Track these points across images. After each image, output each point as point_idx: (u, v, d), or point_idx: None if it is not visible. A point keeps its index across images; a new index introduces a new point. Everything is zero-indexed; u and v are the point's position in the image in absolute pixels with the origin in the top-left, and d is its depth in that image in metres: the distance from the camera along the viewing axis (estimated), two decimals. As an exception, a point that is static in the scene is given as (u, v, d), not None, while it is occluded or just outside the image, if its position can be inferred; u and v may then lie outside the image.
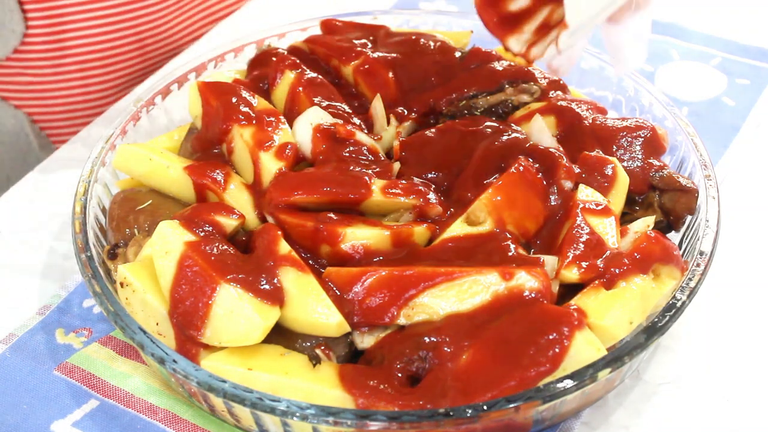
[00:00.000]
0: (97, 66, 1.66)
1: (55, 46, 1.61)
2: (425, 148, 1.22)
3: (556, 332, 0.99)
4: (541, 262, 1.06)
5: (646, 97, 1.35)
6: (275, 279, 1.04)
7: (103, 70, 1.67)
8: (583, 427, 1.08)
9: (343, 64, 1.34)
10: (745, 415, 1.09)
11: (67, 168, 1.43)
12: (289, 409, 0.96)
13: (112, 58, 1.66)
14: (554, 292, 1.06)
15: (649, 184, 1.19)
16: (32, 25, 1.57)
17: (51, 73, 1.64)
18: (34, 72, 1.63)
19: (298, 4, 1.76)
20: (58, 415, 1.08)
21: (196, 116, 1.28)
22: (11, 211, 1.37)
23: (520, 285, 1.03)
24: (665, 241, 1.10)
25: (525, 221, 1.12)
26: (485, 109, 1.28)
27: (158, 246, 1.06)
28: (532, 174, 1.13)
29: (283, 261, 1.06)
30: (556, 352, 0.98)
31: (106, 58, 1.66)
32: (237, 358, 1.01)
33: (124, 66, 1.68)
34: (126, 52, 1.67)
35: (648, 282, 1.06)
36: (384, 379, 1.00)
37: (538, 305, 1.02)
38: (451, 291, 1.03)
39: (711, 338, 1.18)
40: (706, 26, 1.68)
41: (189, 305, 1.03)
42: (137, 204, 1.19)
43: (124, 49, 1.67)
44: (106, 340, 1.16)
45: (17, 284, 1.25)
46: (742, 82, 1.57)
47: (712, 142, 1.42)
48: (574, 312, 1.01)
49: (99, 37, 1.64)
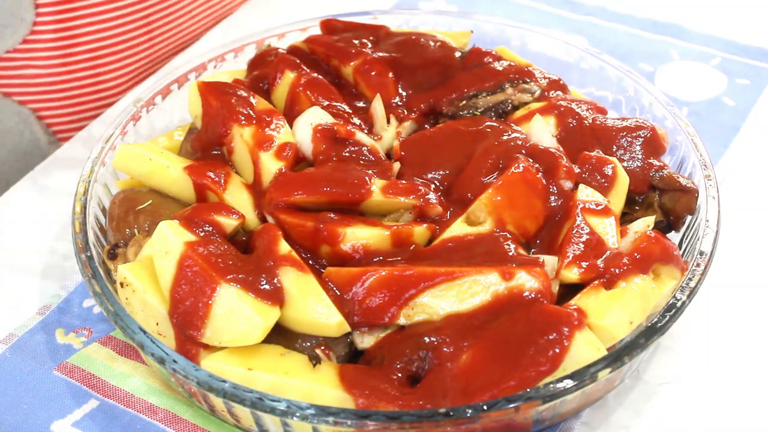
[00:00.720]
0: (108, 54, 1.64)
1: (65, 35, 1.58)
2: (425, 148, 1.21)
3: (556, 332, 0.99)
4: (541, 262, 1.06)
5: (646, 97, 1.35)
6: (275, 279, 1.04)
7: (113, 58, 1.64)
8: (583, 427, 1.08)
9: (343, 64, 1.34)
10: (745, 415, 1.09)
11: (67, 168, 1.43)
12: (289, 409, 0.96)
13: (123, 50, 1.64)
14: (554, 292, 1.06)
15: (649, 184, 1.19)
16: (42, 12, 1.55)
17: (60, 64, 1.61)
18: (42, 64, 1.61)
19: (298, 4, 1.76)
20: (58, 415, 1.08)
21: (196, 116, 1.28)
22: (11, 211, 1.37)
23: (520, 285, 1.03)
24: (665, 241, 1.10)
25: (525, 221, 1.12)
26: (485, 109, 1.28)
27: (158, 246, 1.06)
28: (532, 174, 1.13)
29: (283, 261, 1.06)
30: (556, 352, 0.98)
31: (116, 44, 1.63)
32: (237, 358, 1.01)
33: (133, 60, 1.66)
34: (136, 45, 1.65)
35: (648, 282, 1.06)
36: (384, 379, 1.00)
37: (538, 305, 1.02)
38: (451, 291, 1.03)
39: (711, 338, 1.18)
40: (706, 26, 1.68)
41: (189, 305, 1.03)
42: (137, 204, 1.19)
43: (134, 42, 1.64)
44: (106, 340, 1.16)
45: (17, 284, 1.25)
46: (742, 82, 1.57)
47: (712, 142, 1.42)
48: (574, 312, 1.01)
49: (110, 23, 1.61)
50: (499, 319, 1.02)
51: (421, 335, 1.02)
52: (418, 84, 1.32)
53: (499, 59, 1.34)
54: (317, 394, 0.99)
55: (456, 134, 1.22)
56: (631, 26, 1.69)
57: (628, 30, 1.69)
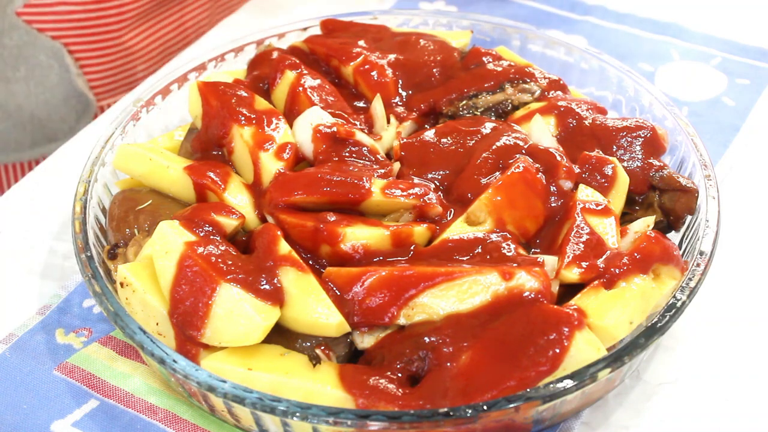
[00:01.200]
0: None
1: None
2: (425, 148, 1.21)
3: (555, 332, 0.99)
4: (540, 262, 1.06)
5: (646, 97, 1.35)
6: (275, 279, 1.04)
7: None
8: (583, 427, 1.08)
9: (343, 64, 1.34)
10: (745, 415, 1.09)
11: (67, 168, 1.43)
12: (289, 409, 0.96)
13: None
14: (554, 292, 1.06)
15: (649, 184, 1.19)
16: None
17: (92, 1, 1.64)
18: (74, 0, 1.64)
19: (298, 4, 1.76)
20: (58, 415, 1.08)
21: (196, 116, 1.28)
22: (11, 211, 1.37)
23: (520, 285, 1.03)
24: (665, 241, 1.10)
25: (525, 221, 1.12)
26: (485, 109, 1.28)
27: (158, 246, 1.06)
28: (532, 174, 1.13)
29: (283, 261, 1.06)
30: (556, 352, 0.98)
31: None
32: (237, 358, 1.01)
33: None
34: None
35: (648, 282, 1.06)
36: (384, 379, 1.00)
37: (537, 305, 1.02)
38: (451, 291, 1.03)
39: (711, 338, 1.18)
40: (706, 26, 1.68)
41: (189, 305, 1.03)
42: (137, 204, 1.19)
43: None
44: (106, 340, 1.16)
45: (17, 284, 1.25)
46: (742, 82, 1.57)
47: (712, 142, 1.42)
48: (574, 312, 1.01)
49: None
50: (499, 319, 1.02)
51: (421, 335, 1.02)
52: (418, 84, 1.32)
53: (499, 59, 1.34)
54: (317, 394, 0.99)
55: (456, 134, 1.22)
56: (631, 26, 1.69)
57: (628, 30, 1.69)
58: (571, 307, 1.03)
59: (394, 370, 1.01)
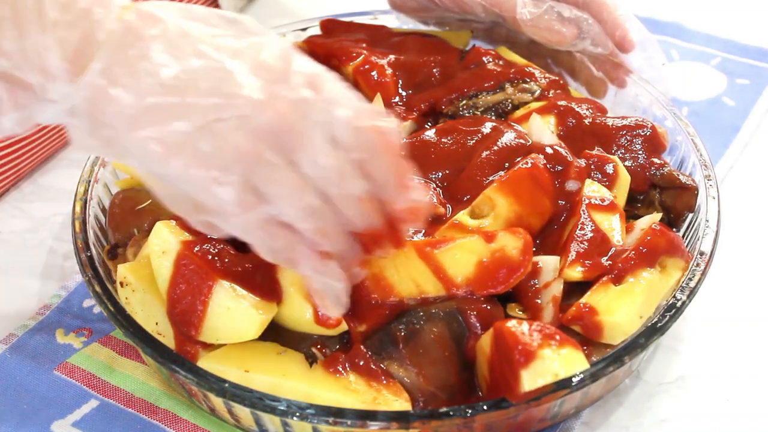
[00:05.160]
0: None
1: None
2: (425, 148, 1.21)
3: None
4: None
5: (646, 97, 1.35)
6: (273, 277, 1.04)
7: None
8: (583, 427, 1.08)
9: (343, 64, 1.34)
10: (745, 415, 1.09)
11: (67, 168, 1.43)
12: (289, 409, 0.96)
13: None
14: (559, 291, 1.06)
15: (649, 182, 1.19)
16: None
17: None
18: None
19: (298, 4, 1.76)
20: (58, 415, 1.08)
21: (196, 116, 1.28)
22: (11, 211, 1.36)
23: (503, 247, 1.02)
24: (669, 233, 1.10)
25: (530, 217, 1.11)
26: (485, 109, 1.28)
27: (155, 246, 1.06)
28: (540, 170, 1.12)
29: (282, 260, 1.05)
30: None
31: None
32: (234, 358, 1.01)
33: None
34: None
35: (655, 275, 1.06)
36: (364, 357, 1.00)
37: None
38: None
39: (711, 338, 1.18)
40: (706, 26, 1.68)
41: (186, 304, 1.02)
42: (137, 204, 1.19)
43: None
44: (106, 340, 1.16)
45: (17, 284, 1.25)
46: (742, 82, 1.57)
47: (712, 142, 1.41)
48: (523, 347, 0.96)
49: None
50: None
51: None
52: (418, 84, 1.32)
53: (499, 59, 1.34)
54: (315, 393, 0.99)
55: (456, 134, 1.22)
56: (631, 26, 1.69)
57: (628, 30, 1.68)
58: (582, 304, 1.03)
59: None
